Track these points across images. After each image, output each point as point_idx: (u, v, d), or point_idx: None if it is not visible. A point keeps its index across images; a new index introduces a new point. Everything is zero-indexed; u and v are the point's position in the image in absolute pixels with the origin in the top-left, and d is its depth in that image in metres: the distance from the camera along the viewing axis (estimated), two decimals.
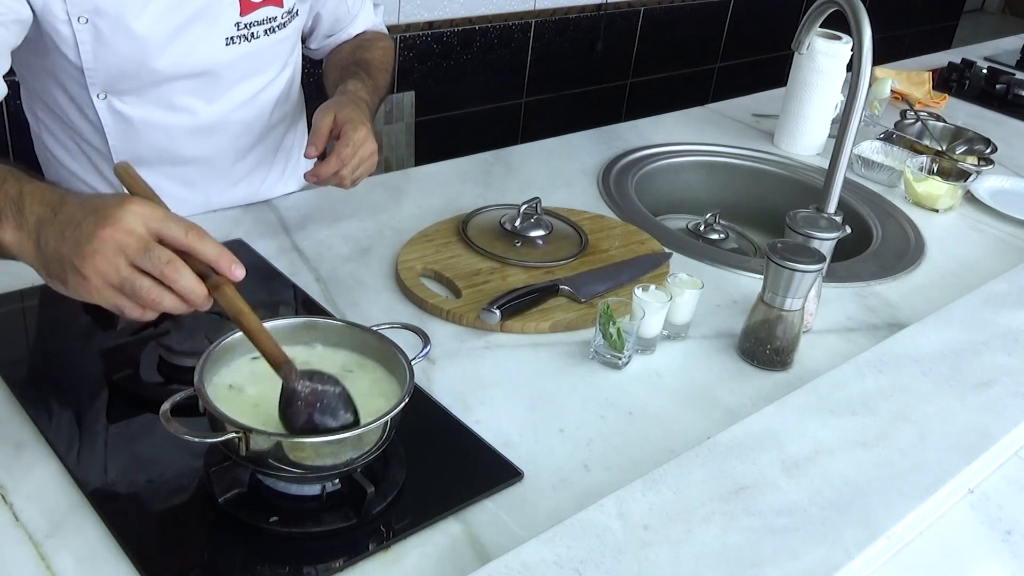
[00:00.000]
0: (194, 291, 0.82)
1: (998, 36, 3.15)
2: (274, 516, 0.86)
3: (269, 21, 1.32)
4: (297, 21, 1.39)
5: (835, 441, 0.97)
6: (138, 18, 1.20)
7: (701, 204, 1.77)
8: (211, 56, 1.28)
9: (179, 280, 0.81)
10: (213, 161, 1.41)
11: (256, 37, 1.31)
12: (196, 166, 1.40)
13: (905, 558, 0.90)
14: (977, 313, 1.25)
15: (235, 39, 1.29)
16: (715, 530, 0.83)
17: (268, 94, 1.41)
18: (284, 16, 1.34)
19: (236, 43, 1.29)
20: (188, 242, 0.81)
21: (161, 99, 1.30)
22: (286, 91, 1.46)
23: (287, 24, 1.36)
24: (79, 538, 0.83)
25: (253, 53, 1.33)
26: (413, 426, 0.97)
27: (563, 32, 3.16)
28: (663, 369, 1.16)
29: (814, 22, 1.42)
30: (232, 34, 1.29)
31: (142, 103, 1.29)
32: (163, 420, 0.81)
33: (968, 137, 2.02)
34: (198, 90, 1.31)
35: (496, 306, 1.16)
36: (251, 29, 1.30)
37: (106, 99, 1.28)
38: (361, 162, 1.28)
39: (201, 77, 1.30)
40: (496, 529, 0.88)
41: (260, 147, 1.45)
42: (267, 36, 1.33)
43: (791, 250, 1.13)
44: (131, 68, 1.24)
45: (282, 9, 1.33)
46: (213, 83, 1.32)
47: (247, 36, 1.30)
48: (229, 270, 0.83)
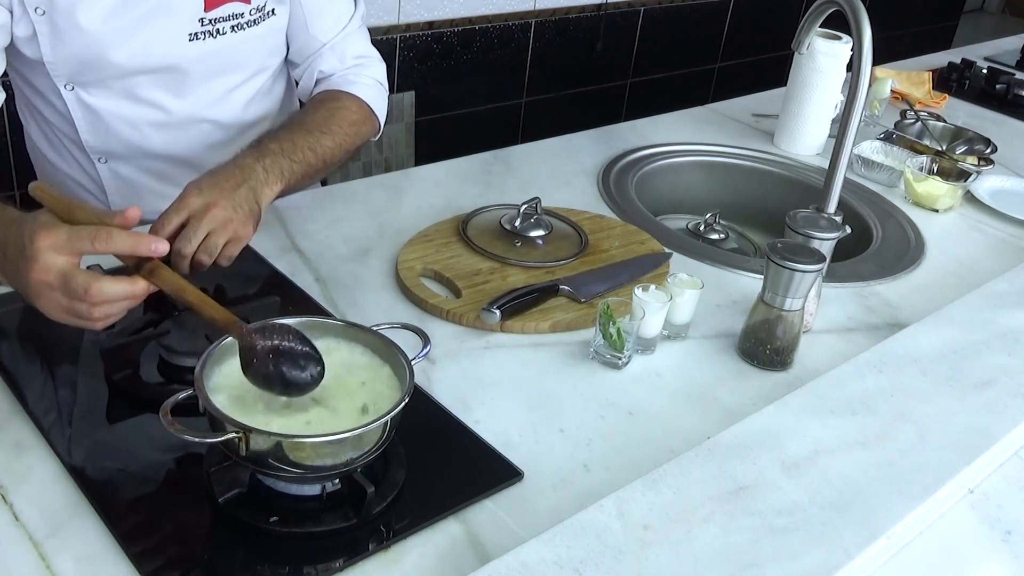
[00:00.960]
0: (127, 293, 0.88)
1: (998, 36, 3.15)
2: (274, 516, 0.86)
3: (235, 18, 1.30)
4: (273, 21, 1.36)
5: (835, 441, 0.97)
6: (90, 11, 1.20)
7: (701, 204, 1.77)
8: (173, 51, 1.27)
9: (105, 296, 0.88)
10: (187, 157, 1.39)
11: (222, 33, 1.30)
12: (169, 162, 1.39)
13: (905, 558, 0.90)
14: (977, 313, 1.25)
15: (199, 35, 1.28)
16: (715, 530, 0.83)
17: (243, 93, 1.39)
18: (252, 13, 1.32)
19: (200, 39, 1.28)
20: (99, 250, 0.87)
21: (127, 92, 1.30)
22: (265, 90, 1.43)
23: (257, 22, 1.33)
24: (79, 538, 0.83)
25: (220, 50, 1.31)
26: (413, 426, 0.97)
27: (563, 32, 3.16)
28: (663, 369, 1.16)
29: (814, 22, 1.42)
30: (196, 30, 1.27)
31: (109, 95, 1.29)
32: (163, 420, 0.81)
33: (968, 137, 2.02)
34: (165, 85, 1.31)
35: (496, 306, 1.16)
36: (216, 25, 1.29)
37: (73, 90, 1.28)
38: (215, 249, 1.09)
39: (166, 72, 1.30)
40: (496, 529, 0.88)
41: (234, 145, 1.36)
42: (234, 33, 1.31)
43: (791, 250, 1.13)
44: (89, 60, 1.24)
45: (249, 6, 1.31)
46: (180, 79, 1.31)
47: (211, 32, 1.28)
48: (150, 250, 0.88)
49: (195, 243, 1.07)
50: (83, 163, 1.39)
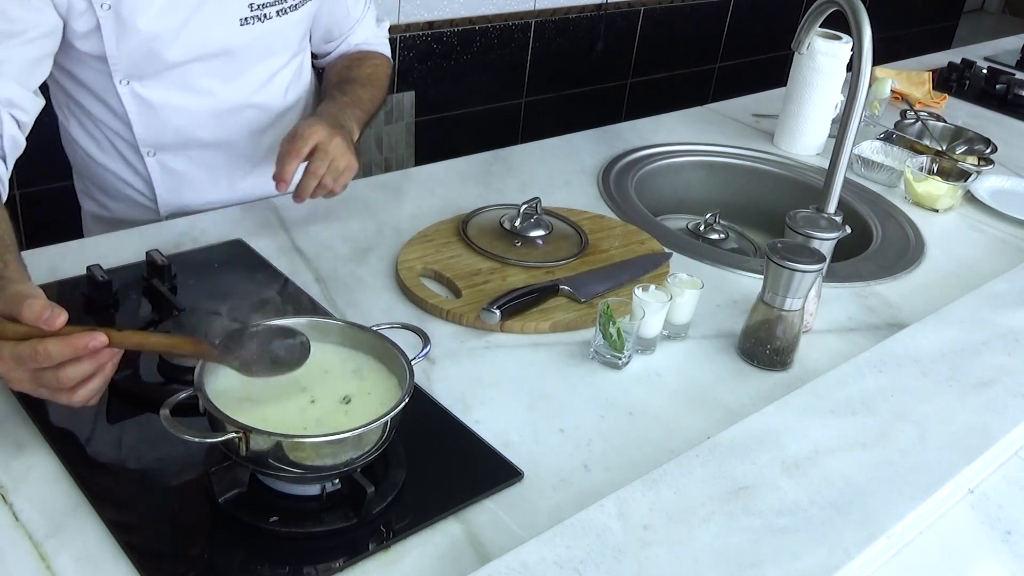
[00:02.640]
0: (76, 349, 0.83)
1: (998, 36, 3.15)
2: (274, 516, 0.86)
3: (280, 2, 1.36)
4: (310, 6, 1.42)
5: (835, 441, 0.97)
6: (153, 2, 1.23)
7: (701, 204, 1.78)
8: (226, 36, 1.32)
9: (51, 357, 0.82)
10: (234, 144, 1.44)
11: (268, 18, 1.35)
12: (218, 150, 1.43)
13: (905, 558, 0.90)
14: (977, 313, 1.25)
15: (249, 20, 1.33)
16: (715, 530, 0.83)
17: (283, 77, 1.45)
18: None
19: (250, 24, 1.33)
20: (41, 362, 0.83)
21: (181, 82, 1.34)
22: (298, 74, 1.49)
23: (298, 7, 1.39)
24: (79, 538, 0.83)
25: (267, 34, 1.37)
26: (413, 426, 0.97)
27: (563, 32, 3.16)
28: (663, 369, 1.16)
29: (814, 22, 1.42)
30: (246, 15, 1.32)
31: (163, 87, 1.33)
32: (163, 420, 0.81)
33: (968, 137, 2.02)
34: (216, 71, 1.35)
35: (496, 306, 1.16)
36: (264, 10, 1.34)
37: (128, 85, 1.31)
38: (338, 173, 1.29)
39: (218, 58, 1.34)
40: (496, 529, 0.88)
41: (275, 130, 1.47)
42: (279, 17, 1.36)
43: (791, 250, 1.13)
44: (150, 51, 1.28)
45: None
46: (229, 64, 1.36)
47: (260, 16, 1.34)
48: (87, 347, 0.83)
49: (326, 164, 1.25)
50: (130, 158, 1.41)
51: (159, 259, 1.18)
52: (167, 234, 1.33)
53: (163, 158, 1.41)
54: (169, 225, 1.37)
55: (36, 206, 2.23)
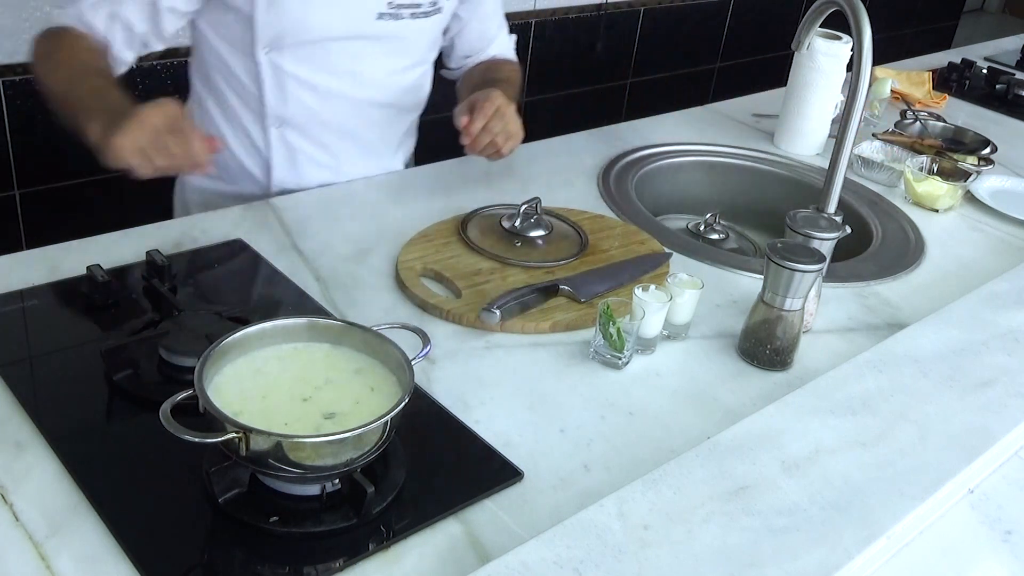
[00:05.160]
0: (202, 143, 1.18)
1: (998, 36, 3.15)
2: (274, 516, 0.86)
3: (414, 6, 1.45)
4: (439, 17, 1.51)
5: (835, 441, 0.97)
6: None
7: (701, 204, 1.77)
8: (363, 25, 1.42)
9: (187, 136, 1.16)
10: (349, 130, 1.53)
11: (402, 18, 1.44)
12: (334, 132, 1.52)
13: (905, 558, 0.90)
14: (977, 313, 1.25)
15: (385, 15, 1.43)
16: (715, 530, 0.83)
17: (404, 78, 1.54)
18: (428, 6, 1.47)
19: (385, 19, 1.43)
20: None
21: (316, 59, 1.43)
22: (419, 83, 1.58)
23: (429, 15, 1.48)
24: (79, 538, 0.83)
25: (397, 33, 1.46)
26: (413, 426, 0.97)
27: (563, 32, 3.16)
28: (663, 369, 1.16)
29: (814, 22, 1.42)
30: (383, 10, 1.42)
31: (299, 61, 1.42)
32: (163, 420, 0.81)
33: (968, 137, 2.02)
34: (348, 56, 1.44)
35: (496, 306, 1.16)
36: (399, 10, 1.43)
37: (269, 54, 1.41)
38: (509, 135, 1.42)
39: (353, 43, 1.44)
40: (496, 529, 0.88)
41: (387, 126, 1.58)
42: (412, 20, 1.46)
43: (791, 250, 1.13)
44: (295, 21, 1.38)
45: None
46: (361, 52, 1.45)
47: (394, 15, 1.43)
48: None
49: (503, 125, 1.40)
50: (254, 131, 1.49)
51: (159, 259, 1.18)
52: (167, 234, 1.33)
53: (285, 132, 1.49)
54: (169, 225, 1.37)
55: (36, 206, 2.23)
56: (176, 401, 0.84)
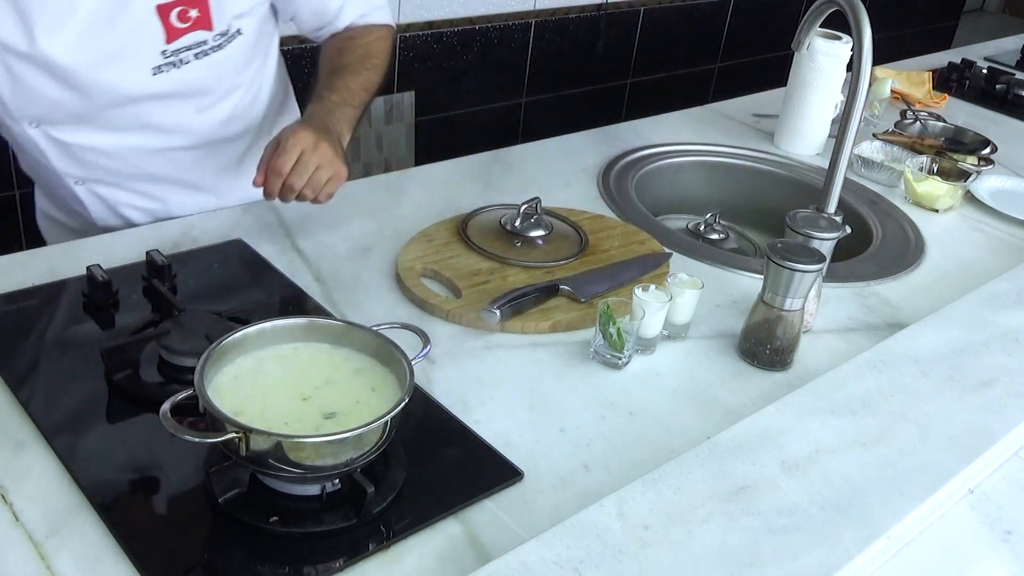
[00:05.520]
0: None
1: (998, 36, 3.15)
2: (274, 516, 0.86)
3: (199, 45, 1.26)
4: (238, 41, 1.31)
5: (835, 441, 0.97)
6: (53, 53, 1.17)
7: (701, 204, 1.77)
8: (138, 85, 1.24)
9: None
10: (166, 176, 1.39)
11: (186, 63, 1.26)
12: (148, 181, 1.38)
13: (905, 558, 0.90)
14: (977, 313, 1.25)
15: (163, 67, 1.24)
16: (715, 530, 0.83)
17: (216, 113, 1.36)
18: (216, 39, 1.27)
19: (165, 71, 1.25)
20: None
21: (96, 126, 1.28)
22: (246, 106, 1.40)
23: (222, 46, 1.28)
24: (79, 538, 0.83)
25: (185, 78, 1.27)
26: (413, 426, 0.97)
27: (563, 32, 3.16)
28: (663, 369, 1.16)
29: (814, 22, 1.42)
30: (159, 63, 1.23)
31: (77, 130, 1.27)
32: (163, 420, 0.81)
33: (968, 137, 2.02)
34: (132, 116, 1.28)
35: (496, 306, 1.16)
36: (179, 55, 1.24)
37: (39, 127, 1.26)
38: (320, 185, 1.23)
39: (133, 105, 1.27)
40: (496, 529, 0.88)
41: (212, 160, 1.41)
42: (198, 60, 1.27)
43: (791, 250, 1.13)
44: (54, 102, 1.22)
45: (212, 32, 1.26)
46: (148, 109, 1.29)
47: (175, 63, 1.25)
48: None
49: (306, 177, 1.21)
50: (60, 187, 1.37)
51: (159, 259, 1.18)
52: (167, 234, 1.33)
53: (92, 187, 1.36)
54: (169, 225, 1.37)
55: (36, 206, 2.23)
56: (176, 401, 0.84)
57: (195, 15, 1.23)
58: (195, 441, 0.83)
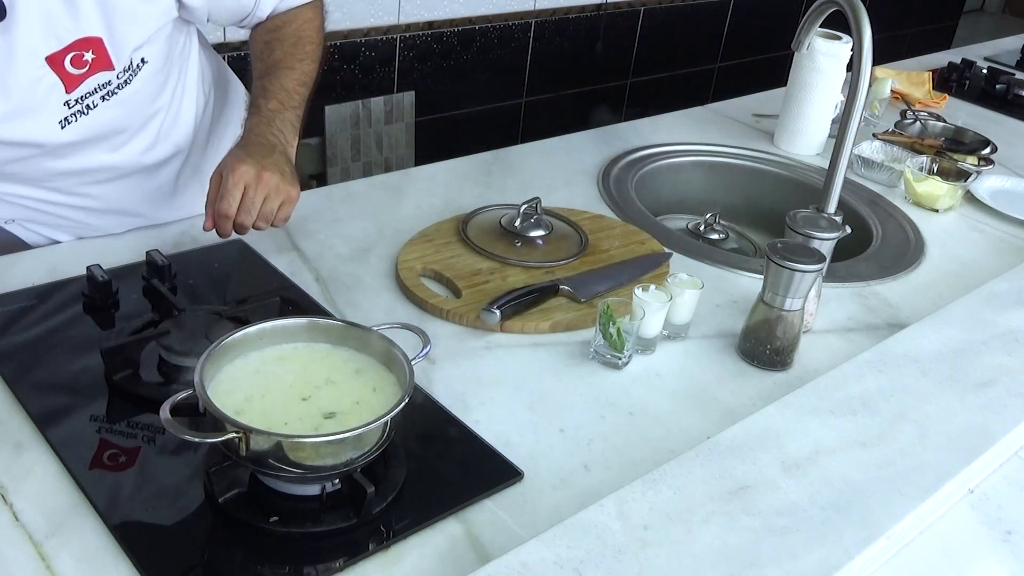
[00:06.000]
0: None
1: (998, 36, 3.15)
2: (274, 516, 0.86)
3: (104, 87, 1.18)
4: (147, 70, 1.22)
5: (835, 441, 0.97)
6: None
7: (701, 204, 1.78)
8: (48, 141, 1.18)
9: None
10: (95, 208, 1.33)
11: (94, 107, 1.19)
12: (80, 212, 1.32)
13: (905, 558, 0.90)
14: (977, 313, 1.25)
15: (69, 118, 1.17)
16: (715, 530, 0.83)
17: (139, 143, 1.30)
18: (121, 75, 1.19)
19: (73, 120, 1.18)
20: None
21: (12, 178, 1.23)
22: (166, 129, 1.33)
23: (129, 81, 1.20)
24: (79, 538, 0.83)
25: (95, 123, 1.21)
26: (413, 426, 0.97)
27: (563, 32, 3.16)
28: (663, 369, 1.16)
29: (814, 22, 1.42)
30: (64, 114, 1.17)
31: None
32: (163, 420, 0.81)
33: (968, 137, 2.02)
34: (47, 167, 1.23)
35: (496, 306, 1.16)
36: (84, 102, 1.17)
37: None
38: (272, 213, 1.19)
39: (45, 157, 1.21)
40: (496, 529, 0.88)
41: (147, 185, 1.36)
42: (105, 102, 1.19)
43: (791, 250, 1.13)
44: None
45: (114, 71, 1.18)
46: (60, 160, 1.23)
47: (82, 110, 1.18)
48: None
49: (255, 213, 1.16)
50: None
51: (159, 259, 1.18)
52: (167, 234, 1.33)
53: (23, 223, 1.31)
54: (169, 225, 1.37)
55: None
56: (176, 401, 0.84)
57: (91, 58, 1.15)
58: (195, 441, 0.83)
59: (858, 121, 1.31)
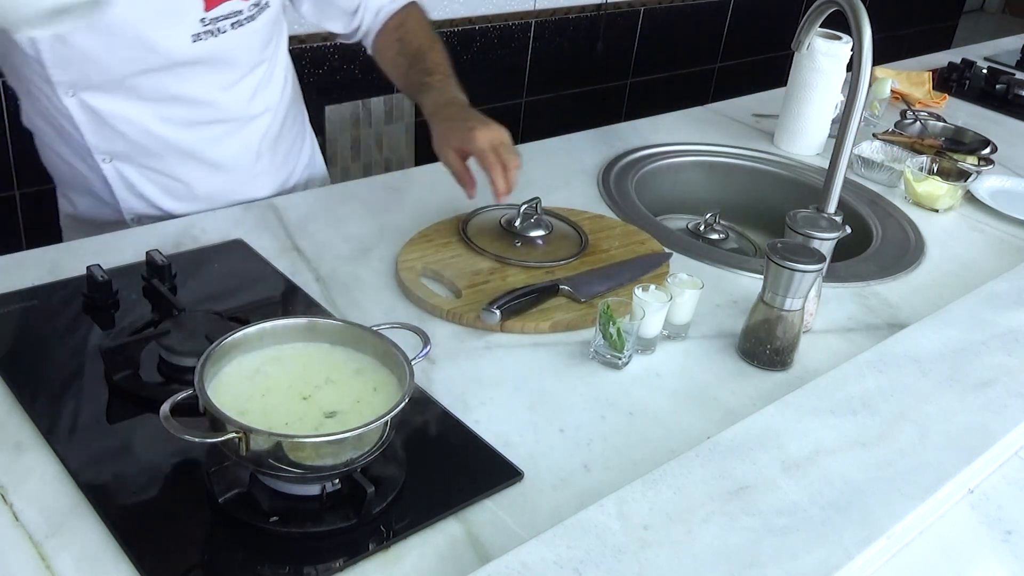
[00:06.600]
0: None
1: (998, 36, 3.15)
2: (274, 516, 0.86)
3: (235, 15, 1.31)
4: (268, 13, 1.36)
5: (835, 441, 0.97)
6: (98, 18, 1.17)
7: (701, 204, 1.77)
8: (177, 52, 1.28)
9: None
10: (191, 152, 1.40)
11: (223, 32, 1.30)
12: (175, 157, 1.39)
13: (905, 558, 0.90)
14: (977, 313, 1.25)
15: (202, 35, 1.28)
16: (715, 530, 0.83)
17: (245, 87, 1.41)
18: (251, 9, 1.33)
19: (203, 39, 1.29)
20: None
21: (131, 93, 1.30)
22: (266, 82, 1.44)
23: (255, 17, 1.34)
24: (79, 538, 0.83)
25: (221, 48, 1.32)
26: (413, 426, 0.97)
27: (563, 32, 3.16)
28: (663, 369, 1.16)
29: (814, 22, 1.42)
30: (199, 30, 1.28)
31: (112, 98, 1.30)
32: (163, 420, 0.81)
33: (968, 137, 2.02)
34: (169, 84, 1.31)
35: (496, 306, 1.16)
36: (217, 24, 1.29)
37: (74, 96, 1.28)
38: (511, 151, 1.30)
39: (170, 71, 1.30)
40: (496, 529, 0.88)
41: (237, 138, 1.44)
42: (234, 30, 1.32)
43: (791, 250, 1.14)
44: (95, 66, 1.25)
45: (247, 3, 1.32)
46: (180, 78, 1.32)
47: (213, 31, 1.29)
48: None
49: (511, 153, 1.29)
50: (85, 167, 1.38)
51: (159, 259, 1.18)
52: (167, 234, 1.33)
53: (119, 165, 1.38)
54: (169, 225, 1.37)
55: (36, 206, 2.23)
56: (176, 401, 0.84)
57: None
58: (195, 441, 0.83)
59: (858, 121, 1.31)
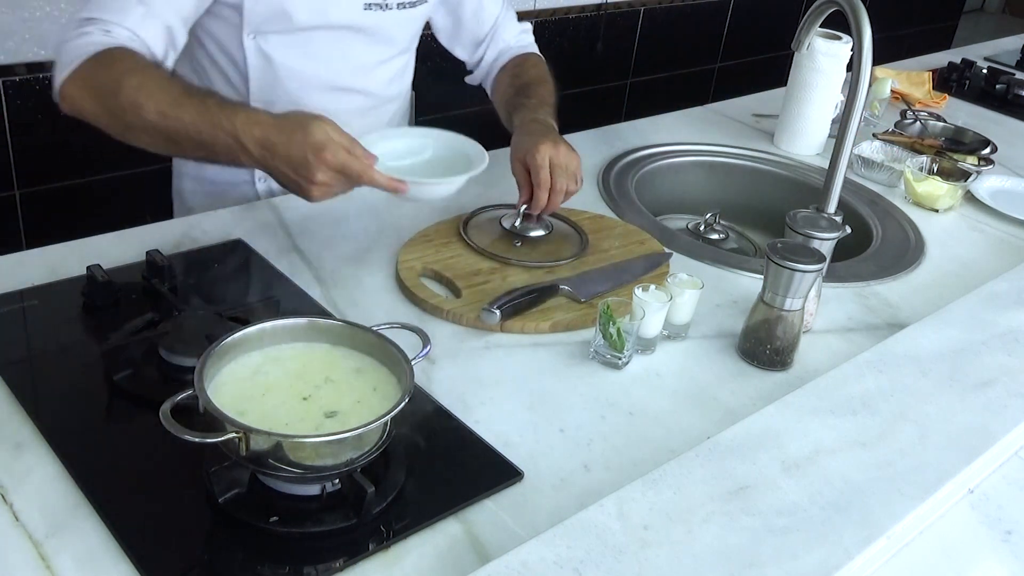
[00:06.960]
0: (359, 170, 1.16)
1: (998, 36, 3.15)
2: (274, 516, 0.86)
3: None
4: (425, 7, 1.53)
5: (835, 441, 0.97)
6: None
7: (701, 204, 1.78)
8: (350, 16, 1.43)
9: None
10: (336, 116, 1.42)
11: (389, 8, 1.46)
12: None
13: (905, 558, 0.90)
14: (977, 313, 1.25)
15: (372, 6, 1.44)
16: (715, 530, 0.83)
17: (389, 68, 1.56)
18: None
19: (373, 9, 1.44)
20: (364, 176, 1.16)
21: (302, 46, 1.43)
22: (402, 71, 1.61)
23: (416, 5, 1.50)
24: (79, 538, 0.83)
25: (384, 23, 1.47)
26: (413, 426, 0.97)
27: (563, 32, 3.16)
28: (663, 369, 1.16)
29: (814, 22, 1.42)
30: (371, 0, 1.43)
31: (285, 47, 1.42)
32: (163, 420, 0.81)
33: (968, 137, 2.02)
34: (335, 44, 1.45)
35: (496, 306, 1.16)
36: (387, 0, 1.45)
37: (255, 39, 1.40)
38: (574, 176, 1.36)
39: (340, 31, 1.44)
40: (496, 529, 0.88)
41: (372, 115, 1.56)
42: (399, 10, 1.47)
43: (791, 250, 1.14)
44: (283, 10, 1.38)
45: None
46: (346, 42, 1.46)
47: (382, 5, 1.45)
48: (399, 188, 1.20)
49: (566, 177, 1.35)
50: None
51: (159, 259, 1.18)
52: (167, 234, 1.33)
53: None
54: (169, 225, 1.37)
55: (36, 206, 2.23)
56: (176, 401, 0.84)
57: None
58: (195, 441, 0.83)
59: (858, 121, 1.31)
